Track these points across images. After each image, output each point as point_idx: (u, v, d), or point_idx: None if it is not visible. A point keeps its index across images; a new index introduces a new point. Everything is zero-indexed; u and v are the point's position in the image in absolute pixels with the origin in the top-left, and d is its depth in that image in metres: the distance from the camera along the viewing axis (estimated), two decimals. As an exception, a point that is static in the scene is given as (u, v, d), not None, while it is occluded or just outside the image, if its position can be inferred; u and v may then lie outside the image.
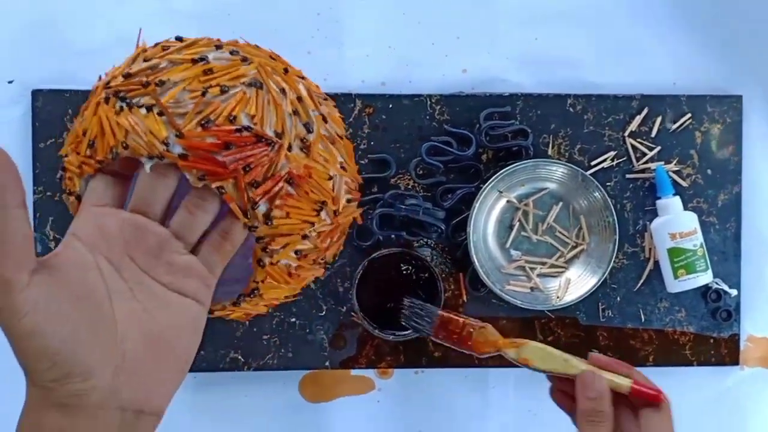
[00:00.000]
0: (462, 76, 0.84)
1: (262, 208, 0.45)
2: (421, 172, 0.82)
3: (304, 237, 0.49)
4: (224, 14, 0.82)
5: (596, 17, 0.85)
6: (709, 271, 0.80)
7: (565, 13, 0.85)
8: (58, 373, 0.36)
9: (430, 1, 0.84)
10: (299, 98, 0.50)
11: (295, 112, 0.49)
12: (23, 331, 0.35)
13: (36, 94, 0.80)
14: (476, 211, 0.79)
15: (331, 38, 0.83)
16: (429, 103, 0.82)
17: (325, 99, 0.58)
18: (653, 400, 0.56)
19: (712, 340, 0.84)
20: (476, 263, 0.79)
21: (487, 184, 0.79)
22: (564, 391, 0.63)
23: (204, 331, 0.75)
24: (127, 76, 0.47)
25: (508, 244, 0.83)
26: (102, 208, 0.44)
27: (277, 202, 0.46)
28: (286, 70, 0.52)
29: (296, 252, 0.49)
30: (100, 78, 0.50)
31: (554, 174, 0.81)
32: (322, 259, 0.53)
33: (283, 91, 0.49)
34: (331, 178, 0.50)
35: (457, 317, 0.65)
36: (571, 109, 0.83)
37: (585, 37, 0.85)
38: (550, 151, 0.83)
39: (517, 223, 0.83)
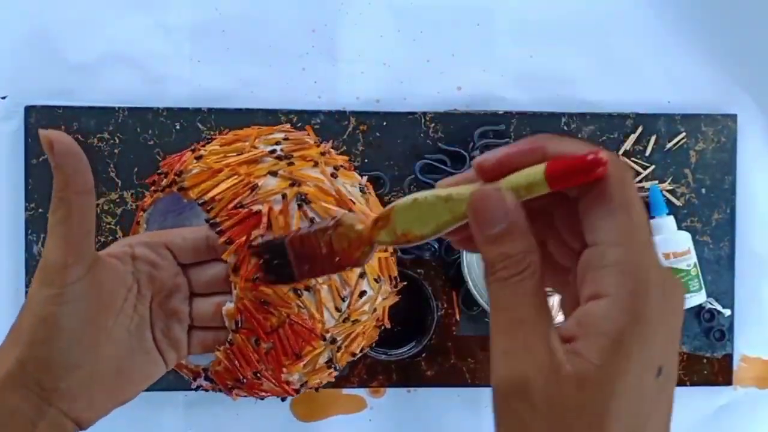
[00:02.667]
0: (457, 94, 0.84)
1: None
2: (415, 190, 0.82)
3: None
4: (219, 31, 0.82)
5: (591, 35, 0.85)
6: (703, 291, 0.80)
7: (560, 31, 0.85)
8: (42, 362, 0.38)
9: (425, 18, 0.84)
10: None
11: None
12: (48, 313, 0.37)
13: (29, 110, 0.79)
14: (470, 230, 0.79)
15: (325, 55, 0.83)
16: (423, 120, 0.82)
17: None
18: (591, 174, 0.29)
19: (705, 360, 0.84)
20: (469, 282, 0.79)
21: (480, 202, 0.79)
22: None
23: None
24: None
25: (501, 263, 0.82)
26: (163, 238, 0.46)
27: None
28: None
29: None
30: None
31: (548, 193, 0.81)
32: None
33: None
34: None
35: (304, 232, 0.42)
36: (565, 128, 0.83)
37: (580, 55, 0.85)
38: (544, 170, 0.83)
39: (511, 242, 0.82)
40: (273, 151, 0.49)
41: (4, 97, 0.81)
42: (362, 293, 0.50)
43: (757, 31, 0.85)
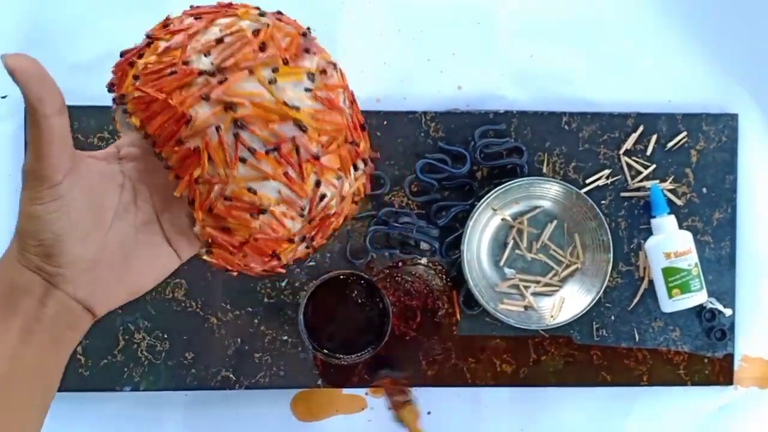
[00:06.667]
0: (457, 93, 0.84)
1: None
2: (415, 189, 0.82)
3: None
4: (219, 30, 0.82)
5: (592, 34, 0.85)
6: (704, 291, 0.80)
7: (561, 30, 0.85)
8: (38, 252, 0.42)
9: (425, 17, 0.84)
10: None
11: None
12: (32, 211, 0.41)
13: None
14: (470, 229, 0.79)
15: (325, 54, 0.83)
16: (424, 120, 0.82)
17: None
18: None
19: (706, 360, 0.84)
20: (470, 282, 0.79)
21: (481, 201, 0.79)
22: None
23: (196, 348, 0.75)
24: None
25: (502, 263, 0.82)
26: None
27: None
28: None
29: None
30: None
31: (549, 192, 0.81)
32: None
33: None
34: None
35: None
36: (566, 127, 0.83)
37: (581, 54, 0.85)
38: (544, 169, 0.83)
39: (512, 241, 0.82)
40: (202, 72, 0.45)
41: (4, 97, 0.81)
42: (322, 197, 0.48)
43: (758, 31, 0.85)
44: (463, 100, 0.84)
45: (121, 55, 0.49)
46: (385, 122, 0.81)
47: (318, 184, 0.48)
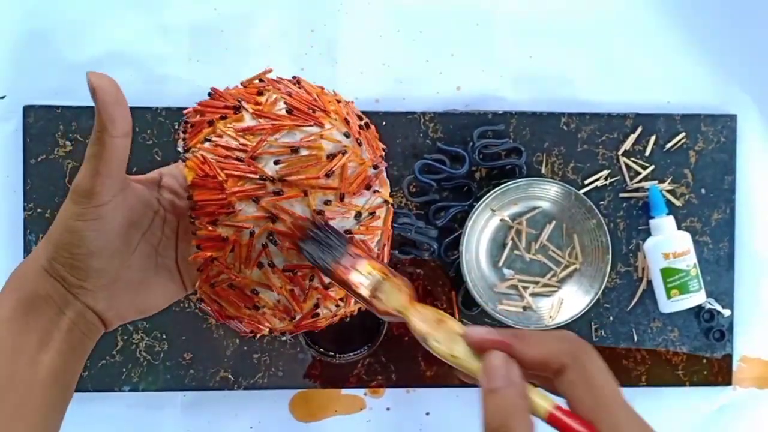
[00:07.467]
0: (456, 94, 0.84)
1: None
2: (414, 189, 0.82)
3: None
4: (218, 30, 0.82)
5: (591, 35, 0.85)
6: (702, 291, 0.80)
7: (559, 32, 0.85)
8: (66, 262, 0.43)
9: (424, 18, 0.84)
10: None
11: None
12: (73, 226, 0.42)
13: (28, 109, 0.79)
14: (469, 230, 0.79)
15: (325, 55, 0.83)
16: (422, 120, 0.82)
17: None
18: None
19: (704, 360, 0.84)
20: (469, 282, 0.79)
21: (480, 202, 0.79)
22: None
23: (194, 348, 0.75)
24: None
25: (500, 263, 0.82)
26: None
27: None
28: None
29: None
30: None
31: (547, 193, 0.81)
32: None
33: None
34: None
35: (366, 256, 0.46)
36: (564, 128, 0.83)
37: (579, 55, 0.85)
38: (543, 170, 0.83)
39: (510, 242, 0.82)
40: (263, 179, 0.46)
41: (2, 97, 0.81)
42: (316, 314, 0.49)
43: (757, 31, 0.85)
44: (461, 101, 0.84)
45: (210, 95, 0.50)
46: (384, 123, 0.82)
47: (317, 306, 0.49)
